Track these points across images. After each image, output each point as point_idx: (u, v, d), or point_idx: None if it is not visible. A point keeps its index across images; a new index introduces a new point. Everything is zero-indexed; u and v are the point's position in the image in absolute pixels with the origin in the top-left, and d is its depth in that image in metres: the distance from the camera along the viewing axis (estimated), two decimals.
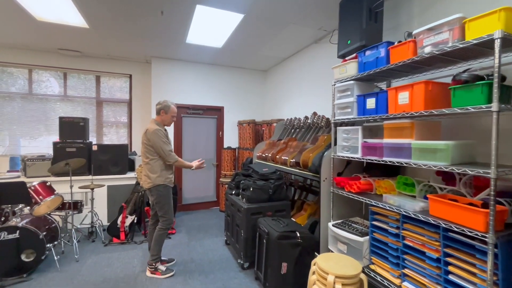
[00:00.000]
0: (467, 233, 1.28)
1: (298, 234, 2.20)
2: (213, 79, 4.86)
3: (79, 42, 3.76)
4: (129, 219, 3.31)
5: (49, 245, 2.60)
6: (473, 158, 1.57)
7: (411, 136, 1.64)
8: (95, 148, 3.74)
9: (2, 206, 2.68)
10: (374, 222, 1.86)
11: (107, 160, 3.80)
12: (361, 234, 1.94)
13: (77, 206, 3.20)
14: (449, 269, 1.39)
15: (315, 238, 2.32)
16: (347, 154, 2.10)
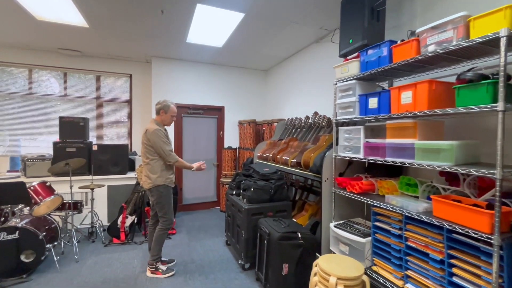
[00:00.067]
0: (471, 234, 1.26)
1: (299, 235, 2.18)
2: (214, 78, 4.84)
3: (79, 41, 3.75)
4: (129, 219, 3.29)
5: (48, 245, 2.59)
6: (477, 158, 1.55)
7: (414, 136, 1.63)
8: (95, 148, 3.72)
9: (2, 206, 2.67)
10: (376, 223, 1.85)
11: (107, 160, 3.78)
12: (363, 235, 1.92)
13: (77, 206, 3.19)
14: (453, 271, 1.37)
15: (317, 239, 2.30)
16: (349, 154, 2.08)
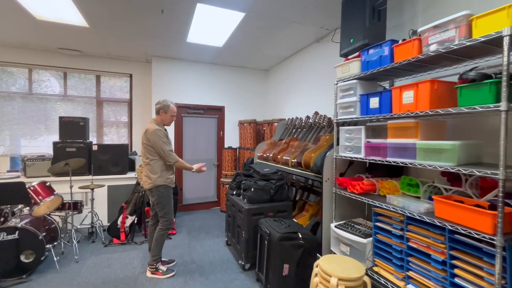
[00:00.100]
0: (474, 235, 1.25)
1: (300, 235, 2.17)
2: (214, 78, 4.83)
3: (79, 41, 3.74)
4: (130, 219, 3.29)
5: (48, 245, 2.58)
6: (480, 158, 1.54)
7: (415, 136, 1.61)
8: (95, 148, 3.72)
9: (1, 206, 2.67)
10: (378, 224, 1.83)
11: (107, 160, 3.77)
12: (364, 235, 1.91)
13: (77, 206, 3.18)
14: (455, 272, 1.36)
15: (317, 239, 2.29)
16: (350, 154, 2.07)
